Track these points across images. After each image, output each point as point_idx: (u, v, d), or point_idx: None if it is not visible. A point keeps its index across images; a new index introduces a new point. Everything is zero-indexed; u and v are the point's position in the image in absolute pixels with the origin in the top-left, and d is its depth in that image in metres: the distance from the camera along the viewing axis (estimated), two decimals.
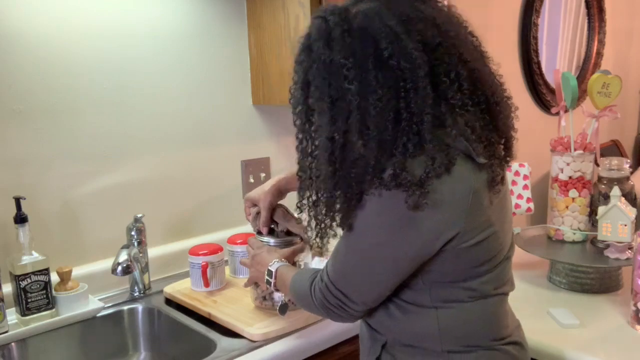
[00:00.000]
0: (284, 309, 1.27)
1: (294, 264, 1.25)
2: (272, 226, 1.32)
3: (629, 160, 1.62)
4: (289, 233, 1.31)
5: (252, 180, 1.83)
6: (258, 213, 1.32)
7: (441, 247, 0.90)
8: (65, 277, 1.36)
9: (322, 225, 0.96)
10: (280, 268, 1.17)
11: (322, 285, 1.01)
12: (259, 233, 1.32)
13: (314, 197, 0.95)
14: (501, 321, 1.01)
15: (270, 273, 1.18)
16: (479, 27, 1.10)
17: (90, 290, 1.41)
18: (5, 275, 1.31)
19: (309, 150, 0.96)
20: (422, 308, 0.97)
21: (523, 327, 1.09)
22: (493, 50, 1.08)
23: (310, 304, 1.05)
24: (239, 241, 1.57)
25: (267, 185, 1.31)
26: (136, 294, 1.51)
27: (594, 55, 3.03)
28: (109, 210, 1.55)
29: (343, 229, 0.95)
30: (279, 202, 1.33)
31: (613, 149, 3.28)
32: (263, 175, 1.85)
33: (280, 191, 1.31)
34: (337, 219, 0.94)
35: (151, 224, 1.58)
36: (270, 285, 1.18)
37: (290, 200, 1.44)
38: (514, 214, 1.75)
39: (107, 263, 1.47)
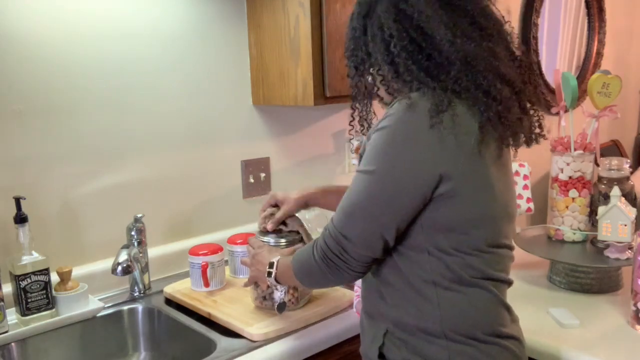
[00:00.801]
0: (282, 307, 1.27)
1: None
2: (280, 226, 1.32)
3: (629, 160, 1.62)
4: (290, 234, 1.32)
5: (252, 180, 1.83)
6: (272, 214, 1.32)
7: (436, 185, 0.92)
8: (65, 277, 1.36)
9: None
10: (281, 259, 1.17)
11: (326, 233, 1.01)
12: (261, 232, 1.32)
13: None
14: (501, 313, 1.01)
15: (271, 264, 1.17)
16: None
17: (90, 290, 1.41)
18: (5, 275, 1.31)
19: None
20: (424, 284, 0.97)
21: (523, 327, 1.09)
22: None
23: (311, 267, 1.04)
24: (239, 241, 1.57)
25: (296, 194, 1.32)
26: (136, 294, 1.51)
27: (594, 55, 3.03)
28: (109, 210, 1.55)
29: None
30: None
31: (613, 149, 3.28)
32: (263, 175, 1.85)
33: (306, 203, 1.33)
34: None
35: (151, 224, 1.58)
36: (271, 277, 1.17)
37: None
38: None
39: (107, 263, 1.47)
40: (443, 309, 0.97)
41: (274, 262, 1.17)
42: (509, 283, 1.05)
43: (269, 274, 1.17)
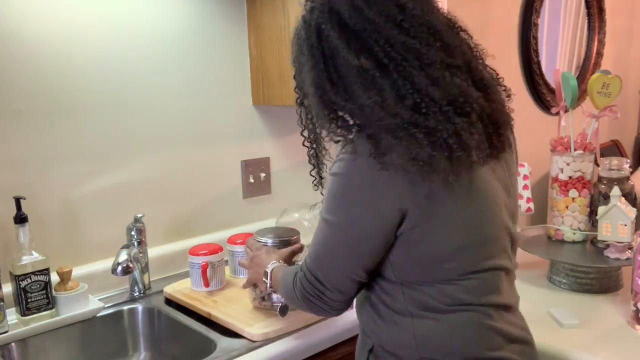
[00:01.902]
0: (284, 310, 1.27)
1: (292, 264, 1.25)
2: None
3: (629, 160, 1.63)
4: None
5: (252, 180, 1.83)
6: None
7: (398, 224, 0.89)
8: (65, 277, 1.36)
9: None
10: (275, 269, 1.18)
11: (301, 274, 1.02)
12: (258, 233, 1.32)
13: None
14: (486, 337, 0.95)
15: (266, 274, 1.19)
16: (479, 27, 1.09)
17: (90, 290, 1.41)
18: (5, 275, 1.31)
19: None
20: (399, 316, 0.97)
21: None
22: (493, 50, 1.08)
23: (294, 299, 1.05)
24: (239, 241, 1.57)
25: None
26: (136, 294, 1.51)
27: (594, 55, 3.03)
28: (109, 210, 1.55)
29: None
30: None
31: (613, 149, 3.27)
32: (263, 175, 1.85)
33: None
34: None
35: (151, 224, 1.58)
36: (267, 286, 1.19)
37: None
38: None
39: (107, 263, 1.47)
40: (418, 337, 0.95)
41: (267, 273, 1.18)
42: (501, 306, 0.98)
43: (265, 283, 1.20)
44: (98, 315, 1.40)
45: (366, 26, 0.87)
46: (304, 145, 1.03)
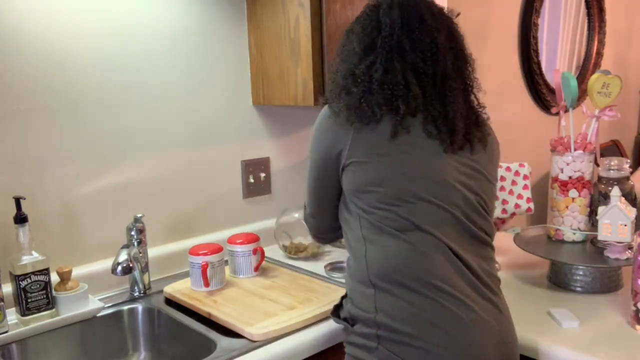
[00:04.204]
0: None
1: None
2: None
3: (629, 160, 1.62)
4: None
5: (252, 181, 1.83)
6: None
7: (337, 156, 1.16)
8: (65, 277, 1.36)
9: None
10: None
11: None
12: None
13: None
14: (425, 263, 1.07)
15: None
16: (479, 27, 1.12)
17: (90, 290, 1.41)
18: (5, 275, 1.31)
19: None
20: (358, 244, 1.14)
21: (523, 327, 1.09)
22: (493, 50, 1.10)
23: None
24: (239, 241, 1.57)
25: None
26: (136, 294, 1.51)
27: (594, 55, 3.04)
28: (109, 210, 1.55)
29: None
30: None
31: (613, 149, 3.28)
32: (263, 175, 1.86)
33: None
34: None
35: (151, 224, 1.58)
36: None
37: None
38: (514, 214, 1.75)
39: (107, 263, 1.47)
40: (368, 259, 1.11)
41: None
42: (444, 243, 1.09)
43: None
44: (98, 315, 1.40)
45: (386, 20, 1.15)
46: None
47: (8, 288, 1.32)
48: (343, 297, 1.21)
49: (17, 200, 1.30)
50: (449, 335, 1.04)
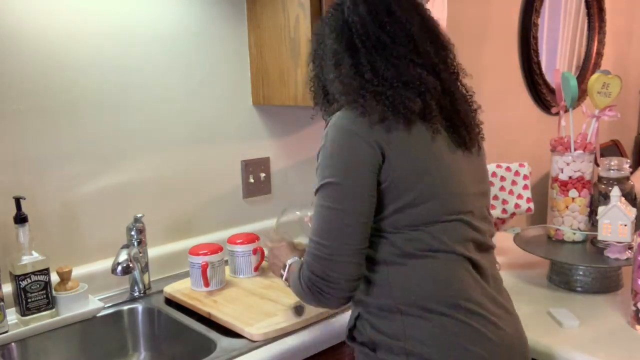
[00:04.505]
0: (300, 310, 1.30)
1: None
2: None
3: (629, 160, 1.62)
4: None
5: (252, 180, 1.83)
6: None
7: (378, 173, 1.01)
8: (65, 277, 1.36)
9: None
10: (293, 264, 1.20)
11: (307, 259, 1.05)
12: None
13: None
14: (454, 284, 1.02)
15: (284, 267, 1.22)
16: (479, 27, 1.12)
17: (90, 290, 1.41)
18: (5, 275, 1.31)
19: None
20: (377, 266, 1.05)
21: (523, 327, 1.09)
22: (493, 50, 1.10)
23: (299, 290, 1.08)
24: (239, 241, 1.57)
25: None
26: (136, 294, 1.51)
27: (594, 55, 3.04)
28: (109, 210, 1.55)
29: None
30: None
31: (613, 149, 3.28)
32: (263, 175, 1.86)
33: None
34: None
35: (151, 224, 1.58)
36: (282, 279, 1.23)
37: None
38: (514, 214, 1.75)
39: (107, 263, 1.47)
40: (392, 284, 1.03)
41: (287, 266, 1.21)
42: (470, 260, 1.05)
43: (281, 275, 1.23)
44: (98, 315, 1.40)
45: (355, 18, 1.07)
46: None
47: (8, 288, 1.32)
48: (356, 318, 1.11)
49: (17, 200, 1.30)
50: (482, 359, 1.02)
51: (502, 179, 1.74)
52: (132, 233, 1.49)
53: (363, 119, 1.02)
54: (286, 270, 1.20)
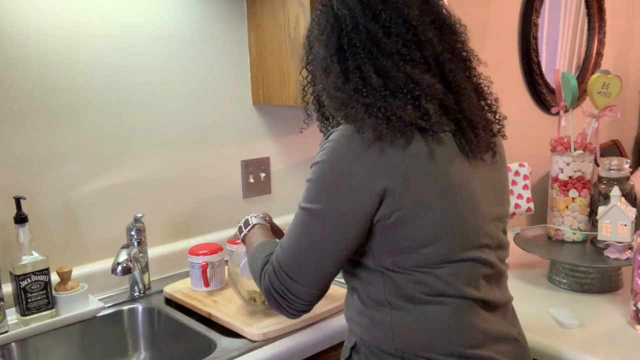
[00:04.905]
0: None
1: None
2: None
3: (629, 160, 1.62)
4: None
5: (252, 180, 1.83)
6: None
7: (375, 210, 0.90)
8: (65, 277, 1.36)
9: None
10: (257, 225, 1.16)
11: (270, 268, 0.98)
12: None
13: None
14: (464, 332, 0.94)
15: (247, 222, 1.18)
16: (479, 27, 1.10)
17: (90, 290, 1.41)
18: (5, 275, 1.31)
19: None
20: (380, 306, 0.96)
21: (523, 327, 1.08)
22: (493, 50, 1.09)
23: (257, 283, 1.03)
24: (239, 241, 1.57)
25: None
26: (136, 294, 1.51)
27: (594, 55, 3.03)
28: (109, 210, 1.55)
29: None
30: None
31: (613, 149, 3.27)
32: (263, 175, 1.85)
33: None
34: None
35: (151, 224, 1.58)
36: (239, 234, 1.18)
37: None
38: (514, 214, 1.75)
39: (107, 263, 1.47)
40: (395, 330, 0.95)
41: (249, 223, 1.18)
42: (479, 301, 0.96)
43: (240, 230, 1.19)
44: (98, 315, 1.40)
45: (344, 11, 0.94)
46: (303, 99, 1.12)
47: (8, 288, 1.32)
48: (352, 348, 1.04)
49: (17, 200, 1.30)
50: None
51: None
52: (132, 233, 1.49)
53: (362, 143, 0.89)
54: (247, 229, 1.16)
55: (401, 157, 0.89)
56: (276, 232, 1.26)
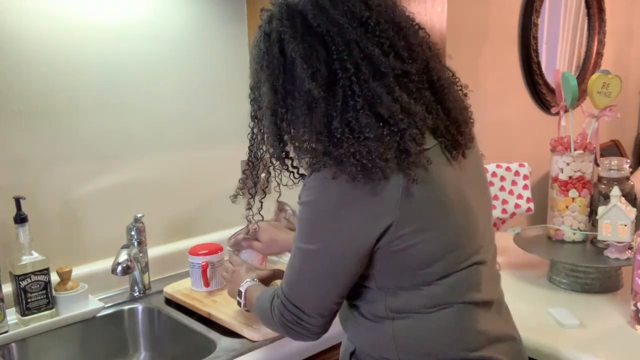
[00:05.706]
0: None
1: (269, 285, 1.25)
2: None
3: (629, 160, 1.62)
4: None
5: None
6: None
7: (373, 246, 0.89)
8: (65, 277, 1.36)
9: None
10: (250, 288, 1.17)
11: (278, 301, 1.00)
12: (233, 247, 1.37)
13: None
14: (466, 336, 0.95)
15: (240, 293, 1.19)
16: (479, 27, 1.09)
17: (90, 290, 1.41)
18: (5, 275, 1.31)
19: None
20: (381, 319, 0.96)
21: (523, 327, 1.08)
22: (493, 50, 1.08)
23: (272, 324, 1.04)
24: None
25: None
26: (136, 294, 1.51)
27: (594, 55, 3.03)
28: (109, 210, 1.55)
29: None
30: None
31: (613, 149, 3.28)
32: (263, 175, 1.85)
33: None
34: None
35: (151, 224, 1.58)
36: (240, 306, 1.20)
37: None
38: (514, 214, 1.75)
39: (107, 263, 1.47)
40: (397, 340, 0.95)
41: (242, 292, 1.18)
42: (481, 303, 0.96)
43: (238, 303, 1.20)
44: (98, 315, 1.40)
45: (330, 28, 0.84)
46: (244, 170, 1.03)
47: (8, 288, 1.32)
48: (352, 354, 1.03)
49: (17, 200, 1.30)
50: None
51: (502, 179, 1.74)
52: (132, 233, 1.49)
53: (350, 183, 0.85)
54: (242, 297, 1.18)
55: (392, 191, 0.86)
56: (268, 280, 1.27)
